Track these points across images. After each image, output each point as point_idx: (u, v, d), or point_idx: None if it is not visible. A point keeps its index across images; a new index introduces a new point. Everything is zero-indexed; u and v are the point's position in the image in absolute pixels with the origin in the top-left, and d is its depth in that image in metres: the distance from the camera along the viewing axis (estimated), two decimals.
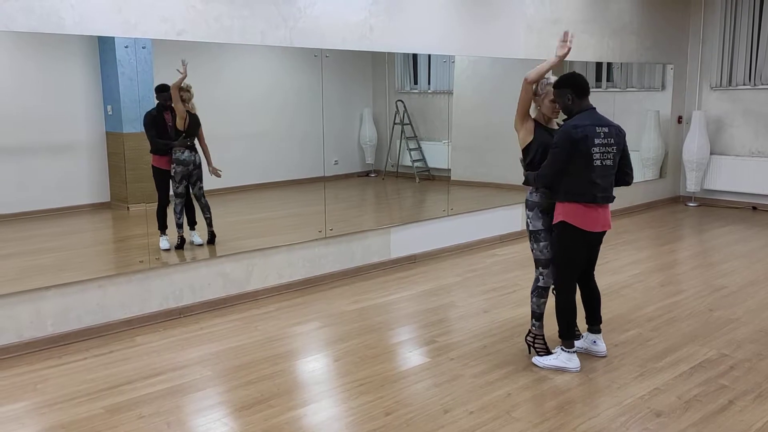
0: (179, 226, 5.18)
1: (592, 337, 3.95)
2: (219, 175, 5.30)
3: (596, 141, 3.56)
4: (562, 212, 3.65)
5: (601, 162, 3.59)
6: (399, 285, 5.50)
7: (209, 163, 5.29)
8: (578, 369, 3.73)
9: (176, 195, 5.17)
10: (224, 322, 4.63)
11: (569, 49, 3.76)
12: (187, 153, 5.13)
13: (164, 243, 5.07)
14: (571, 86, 3.66)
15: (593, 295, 3.93)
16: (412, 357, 4.01)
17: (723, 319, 4.59)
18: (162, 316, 4.65)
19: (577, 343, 3.96)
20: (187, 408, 3.37)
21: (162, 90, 4.96)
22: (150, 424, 3.19)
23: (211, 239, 5.26)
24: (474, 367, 3.80)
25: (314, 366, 3.92)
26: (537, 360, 3.81)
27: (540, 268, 3.85)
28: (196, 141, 5.21)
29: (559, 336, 3.77)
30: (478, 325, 4.50)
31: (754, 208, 8.70)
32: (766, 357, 3.93)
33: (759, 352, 4.00)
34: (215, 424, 3.20)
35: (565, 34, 3.79)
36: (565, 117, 3.71)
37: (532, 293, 3.90)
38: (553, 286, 3.81)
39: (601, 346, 3.95)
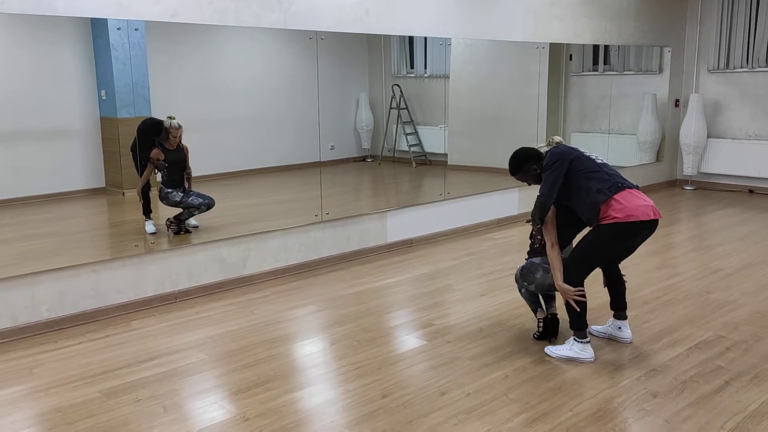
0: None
1: (618, 323, 3.90)
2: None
3: (581, 149, 3.68)
4: (610, 215, 3.45)
5: (601, 160, 3.64)
6: (396, 269, 5.49)
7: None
8: (593, 359, 3.63)
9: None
10: (220, 306, 4.62)
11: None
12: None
13: (150, 227, 5.05)
14: (527, 159, 3.68)
15: (619, 280, 3.86)
16: (409, 340, 4.01)
17: (719, 301, 4.60)
18: (158, 300, 4.64)
19: (600, 329, 3.95)
20: (184, 391, 3.37)
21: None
22: (146, 408, 3.18)
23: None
24: (471, 350, 3.81)
25: (311, 349, 3.92)
26: (549, 350, 3.74)
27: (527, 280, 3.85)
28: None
29: (571, 327, 3.68)
30: (475, 308, 4.50)
31: (751, 191, 8.70)
32: (762, 338, 3.94)
33: (755, 334, 4.01)
34: (212, 407, 3.20)
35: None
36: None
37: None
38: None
39: (627, 333, 3.89)
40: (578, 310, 3.54)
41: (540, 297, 3.93)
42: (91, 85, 5.07)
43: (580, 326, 3.65)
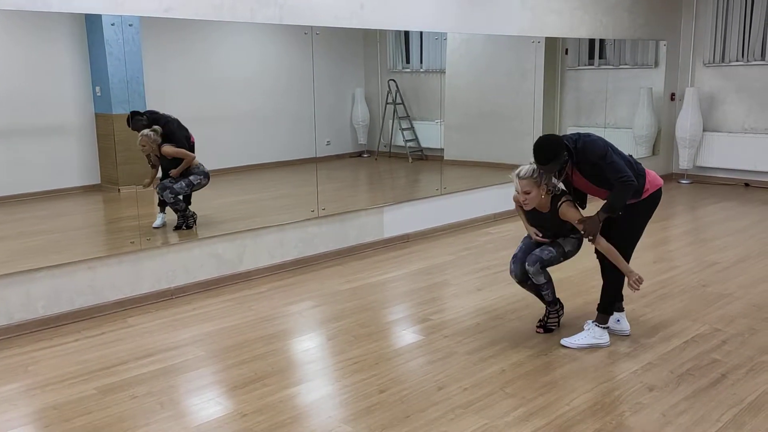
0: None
1: (616, 315, 3.91)
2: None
3: None
4: (649, 188, 3.68)
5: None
6: (392, 264, 5.49)
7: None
8: (609, 344, 3.73)
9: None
10: (217, 302, 4.62)
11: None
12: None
13: (158, 221, 5.06)
14: (561, 146, 3.51)
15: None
16: (406, 335, 4.01)
17: (715, 294, 4.61)
18: (154, 297, 4.63)
19: None
20: (181, 388, 3.36)
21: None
22: (143, 404, 3.18)
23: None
24: (468, 345, 3.81)
25: (308, 345, 3.92)
26: (566, 341, 3.74)
27: (529, 265, 3.78)
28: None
29: (602, 311, 3.75)
30: (472, 303, 4.50)
31: (747, 184, 8.71)
32: (758, 331, 3.95)
33: (751, 327, 4.02)
34: (209, 403, 3.20)
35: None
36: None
37: (542, 288, 3.85)
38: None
39: (625, 325, 3.92)
40: (638, 288, 3.60)
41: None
42: (86, 81, 5.05)
43: (609, 310, 3.75)
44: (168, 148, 5.03)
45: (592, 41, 8.37)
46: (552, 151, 3.49)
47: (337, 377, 3.45)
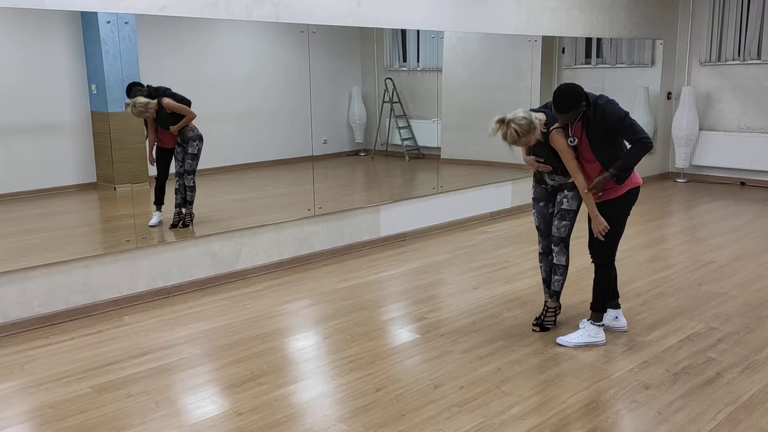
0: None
1: (613, 312, 3.92)
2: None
3: None
4: (630, 182, 3.61)
5: None
6: (389, 263, 5.49)
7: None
8: (605, 342, 3.73)
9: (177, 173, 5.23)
10: (213, 301, 4.61)
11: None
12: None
13: (154, 219, 5.06)
14: (581, 95, 3.47)
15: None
16: (402, 334, 4.01)
17: (711, 293, 4.62)
18: (150, 295, 4.63)
19: None
20: (176, 386, 3.36)
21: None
22: (138, 403, 3.17)
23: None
24: (464, 343, 3.81)
25: (304, 344, 3.92)
26: (562, 340, 3.75)
27: (554, 245, 3.84)
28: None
29: (596, 309, 3.75)
30: (468, 302, 4.50)
31: (743, 183, 8.73)
32: (753, 330, 3.96)
33: (746, 325, 4.02)
34: (204, 402, 3.20)
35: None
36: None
37: (557, 271, 3.87)
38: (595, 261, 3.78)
39: (622, 321, 3.93)
40: (603, 239, 3.58)
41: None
42: (82, 79, 5.03)
43: (602, 308, 3.73)
44: (170, 102, 5.02)
45: (588, 40, 8.38)
46: (573, 99, 3.44)
47: (333, 376, 3.44)
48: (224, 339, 3.93)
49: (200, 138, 5.21)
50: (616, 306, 3.94)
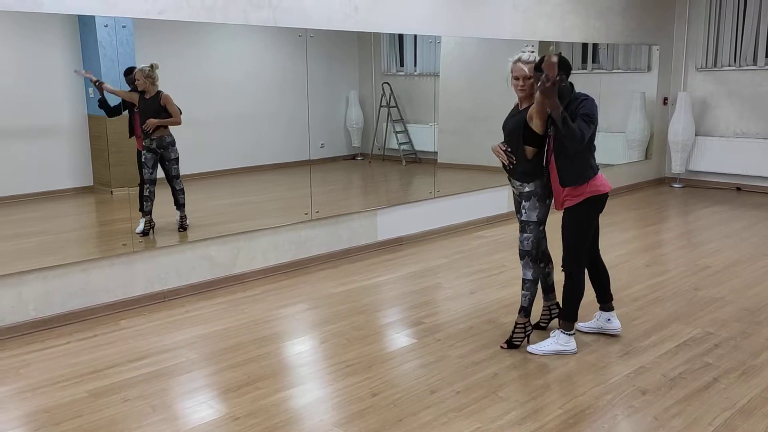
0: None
1: (606, 315, 3.92)
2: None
3: None
4: (588, 190, 3.53)
5: None
6: (386, 267, 5.49)
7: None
8: (575, 351, 3.69)
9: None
10: (210, 305, 4.60)
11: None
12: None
13: (141, 226, 5.04)
14: (568, 68, 3.55)
15: (602, 271, 3.88)
16: (399, 338, 4.01)
17: (707, 298, 4.62)
18: (146, 299, 4.62)
19: (589, 324, 3.96)
20: (173, 391, 3.35)
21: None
22: (135, 408, 3.16)
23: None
24: (460, 348, 3.81)
25: (301, 348, 3.91)
26: (532, 348, 3.73)
27: (520, 259, 3.75)
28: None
29: (566, 318, 3.69)
30: (465, 306, 4.50)
31: (738, 188, 8.76)
32: (750, 335, 3.96)
33: (743, 331, 4.03)
34: (201, 406, 3.19)
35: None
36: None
37: (523, 285, 3.77)
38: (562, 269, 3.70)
39: (616, 323, 3.93)
40: (547, 84, 3.26)
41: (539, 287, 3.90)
42: (79, 82, 5.02)
43: (572, 317, 3.69)
44: (169, 97, 5.00)
45: (585, 45, 8.40)
46: (565, 65, 3.53)
47: (330, 380, 3.44)
48: (221, 343, 3.92)
49: (174, 141, 5.18)
50: (610, 308, 3.94)
